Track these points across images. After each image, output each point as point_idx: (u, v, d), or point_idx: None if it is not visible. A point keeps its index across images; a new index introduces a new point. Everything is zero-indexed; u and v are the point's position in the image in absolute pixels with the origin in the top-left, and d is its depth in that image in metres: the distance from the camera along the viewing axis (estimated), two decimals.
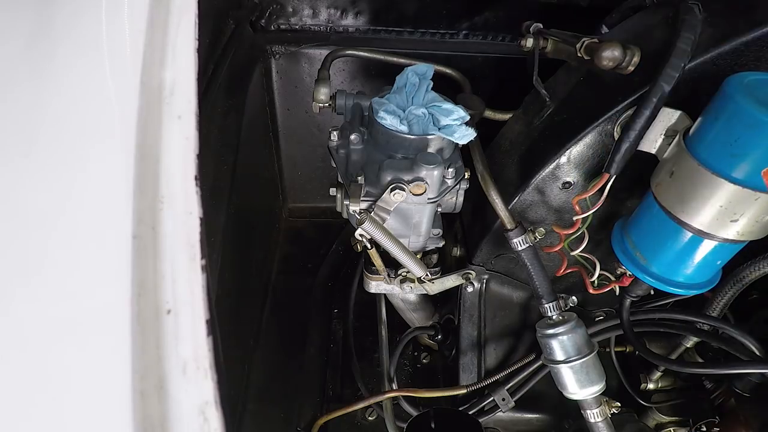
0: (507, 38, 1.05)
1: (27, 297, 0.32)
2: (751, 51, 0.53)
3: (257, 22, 1.02)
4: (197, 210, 0.34)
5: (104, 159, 0.35)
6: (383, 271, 0.75)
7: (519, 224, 0.67)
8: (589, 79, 0.67)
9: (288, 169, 1.26)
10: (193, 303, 0.32)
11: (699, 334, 0.80)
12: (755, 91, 0.47)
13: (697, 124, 0.52)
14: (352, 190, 0.63)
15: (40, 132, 0.35)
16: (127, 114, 0.35)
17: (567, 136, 0.63)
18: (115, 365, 0.30)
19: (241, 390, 0.86)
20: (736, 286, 0.72)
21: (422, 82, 0.67)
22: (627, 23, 0.71)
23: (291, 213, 1.35)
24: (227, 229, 0.78)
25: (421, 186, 0.62)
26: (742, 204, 0.48)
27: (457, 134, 0.63)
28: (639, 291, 0.68)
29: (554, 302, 0.69)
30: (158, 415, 0.30)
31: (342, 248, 1.26)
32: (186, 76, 0.37)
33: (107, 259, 0.32)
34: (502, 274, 0.82)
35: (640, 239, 0.61)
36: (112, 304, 0.31)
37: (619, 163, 0.57)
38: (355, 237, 0.68)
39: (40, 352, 0.31)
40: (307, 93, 1.09)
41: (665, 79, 0.52)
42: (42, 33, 0.37)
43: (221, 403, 0.30)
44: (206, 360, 0.31)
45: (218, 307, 0.35)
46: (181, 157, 0.35)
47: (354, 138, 0.66)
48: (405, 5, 1.02)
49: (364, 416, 0.98)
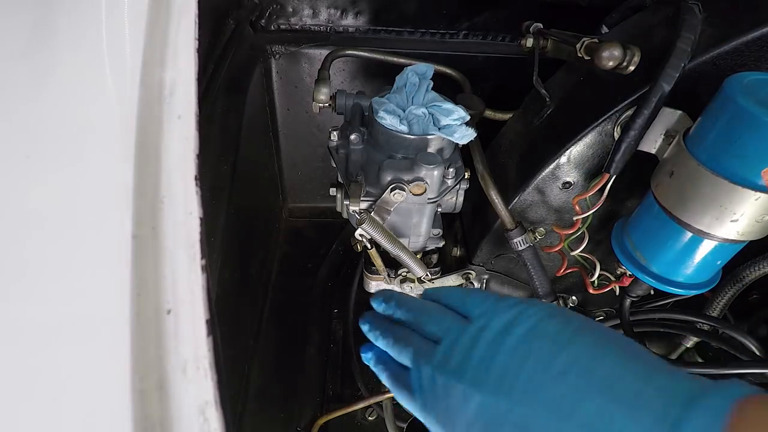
0: (507, 38, 1.05)
1: (27, 297, 0.32)
2: (751, 51, 0.53)
3: (257, 22, 1.02)
4: (197, 210, 0.34)
5: (104, 159, 0.35)
6: (383, 271, 0.75)
7: (519, 224, 0.67)
8: (589, 79, 0.67)
9: (288, 169, 1.26)
10: (193, 303, 0.32)
11: (699, 334, 0.80)
12: (755, 91, 0.47)
13: (697, 124, 0.52)
14: (352, 190, 0.63)
15: (39, 132, 0.35)
16: (127, 114, 0.35)
17: (567, 136, 0.63)
18: (115, 365, 0.30)
19: (241, 390, 0.86)
20: (736, 286, 0.72)
21: (422, 82, 0.67)
22: (627, 23, 0.71)
23: (291, 213, 1.35)
24: (227, 229, 0.78)
25: (421, 186, 0.62)
26: (742, 204, 0.48)
27: (457, 134, 0.63)
28: (639, 291, 0.68)
29: (554, 302, 0.69)
30: (158, 415, 0.30)
31: (342, 248, 1.26)
32: (186, 76, 0.37)
33: (107, 259, 0.32)
34: (502, 274, 0.82)
35: (640, 239, 0.61)
36: (112, 304, 0.31)
37: (619, 163, 0.57)
38: (355, 237, 0.68)
39: (40, 352, 0.31)
40: (307, 93, 1.09)
41: (665, 79, 0.52)
42: (42, 33, 0.37)
43: (221, 403, 0.30)
44: (206, 360, 0.31)
45: (218, 307, 0.35)
46: (181, 157, 0.35)
47: (354, 138, 0.66)
48: (405, 5, 1.02)
49: (364, 416, 0.98)
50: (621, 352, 0.33)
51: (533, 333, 0.35)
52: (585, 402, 0.30)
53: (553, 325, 0.35)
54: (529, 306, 0.37)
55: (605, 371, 0.31)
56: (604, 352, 0.33)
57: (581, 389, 0.31)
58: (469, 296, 0.41)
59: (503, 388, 0.33)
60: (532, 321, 0.36)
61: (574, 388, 0.31)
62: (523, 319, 0.36)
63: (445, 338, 0.38)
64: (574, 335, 0.34)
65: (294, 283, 1.18)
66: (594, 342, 0.33)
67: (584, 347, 0.33)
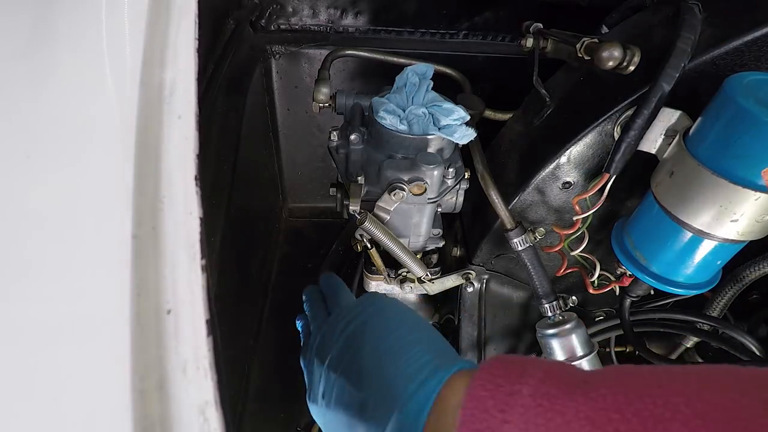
0: (507, 38, 1.05)
1: (27, 297, 0.32)
2: (751, 51, 0.53)
3: (257, 22, 1.02)
4: (197, 210, 0.34)
5: (104, 159, 0.35)
6: (383, 271, 0.75)
7: (519, 224, 0.67)
8: (589, 79, 0.67)
9: (288, 169, 1.26)
10: (193, 303, 0.32)
11: (699, 334, 0.80)
12: (755, 91, 0.47)
13: (697, 124, 0.52)
14: (352, 190, 0.63)
15: (39, 132, 0.35)
16: (127, 114, 0.35)
17: (567, 136, 0.63)
18: (115, 365, 0.30)
19: (241, 390, 0.86)
20: (736, 286, 0.72)
21: (422, 82, 0.67)
22: (627, 23, 0.71)
23: (291, 213, 1.35)
24: (227, 229, 0.78)
25: (421, 186, 0.62)
26: (742, 204, 0.48)
27: (457, 134, 0.63)
28: (639, 291, 0.68)
29: (554, 302, 0.70)
30: (158, 415, 0.30)
31: (342, 248, 1.26)
32: (186, 76, 0.37)
33: (107, 259, 0.32)
34: (502, 274, 0.82)
35: (640, 239, 0.61)
36: (112, 304, 0.31)
37: (618, 163, 0.57)
38: (355, 237, 0.68)
39: (40, 351, 0.31)
40: (307, 93, 1.08)
41: (665, 79, 0.52)
42: (42, 33, 0.37)
43: (221, 403, 0.30)
44: (206, 360, 0.31)
45: (218, 307, 0.35)
46: (181, 157, 0.35)
47: (354, 138, 0.66)
48: (405, 5, 1.02)
49: None
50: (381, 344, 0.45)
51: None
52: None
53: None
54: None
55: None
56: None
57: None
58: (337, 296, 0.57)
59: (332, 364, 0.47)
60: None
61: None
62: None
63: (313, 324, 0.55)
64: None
65: (294, 283, 1.17)
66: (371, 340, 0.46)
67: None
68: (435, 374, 0.39)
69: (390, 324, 0.47)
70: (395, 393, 0.39)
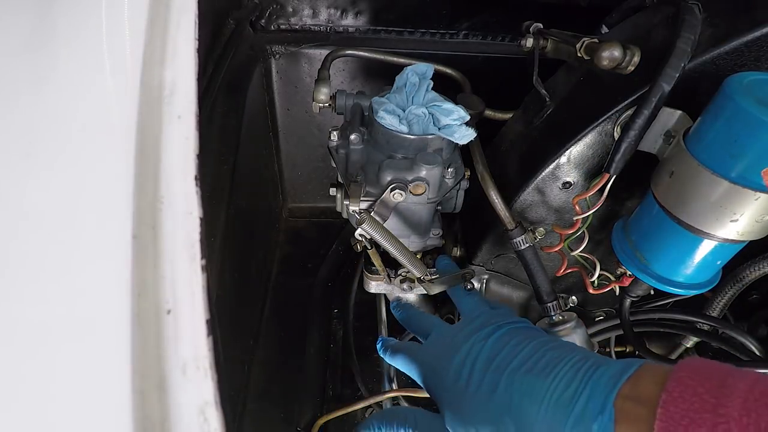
0: (507, 38, 1.05)
1: (26, 297, 0.32)
2: (751, 51, 0.53)
3: (257, 22, 1.02)
4: (197, 210, 0.34)
5: (104, 159, 0.35)
6: (383, 271, 0.75)
7: (519, 224, 0.67)
8: (589, 79, 0.67)
9: (288, 169, 1.26)
10: (193, 303, 0.32)
11: (699, 334, 0.80)
12: (755, 91, 0.47)
13: (697, 124, 0.52)
14: (352, 190, 0.63)
15: (39, 132, 0.35)
16: (127, 114, 0.35)
17: (567, 136, 0.63)
18: (115, 365, 0.30)
19: (241, 390, 0.86)
20: (736, 286, 0.72)
21: (422, 82, 0.67)
22: (627, 23, 0.71)
23: (291, 213, 1.35)
24: (227, 229, 0.78)
25: (421, 186, 0.62)
26: (742, 204, 0.48)
27: (457, 134, 0.63)
28: (639, 291, 0.68)
29: (554, 302, 0.69)
30: (158, 415, 0.30)
31: (342, 248, 1.26)
32: (186, 76, 0.37)
33: (107, 259, 0.32)
34: (502, 274, 0.82)
35: (640, 239, 0.61)
36: (112, 304, 0.31)
37: (619, 163, 0.56)
38: (355, 237, 0.68)
39: (40, 351, 0.31)
40: (307, 93, 1.09)
41: (665, 79, 0.52)
42: (42, 32, 0.37)
43: (221, 403, 0.30)
44: (206, 360, 0.31)
45: (218, 307, 0.35)
46: (181, 157, 0.35)
47: (354, 138, 0.66)
48: (405, 5, 1.02)
49: (364, 416, 0.98)
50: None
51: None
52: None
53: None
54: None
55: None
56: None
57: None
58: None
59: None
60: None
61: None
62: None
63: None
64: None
65: (294, 283, 1.18)
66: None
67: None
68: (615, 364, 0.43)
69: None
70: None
